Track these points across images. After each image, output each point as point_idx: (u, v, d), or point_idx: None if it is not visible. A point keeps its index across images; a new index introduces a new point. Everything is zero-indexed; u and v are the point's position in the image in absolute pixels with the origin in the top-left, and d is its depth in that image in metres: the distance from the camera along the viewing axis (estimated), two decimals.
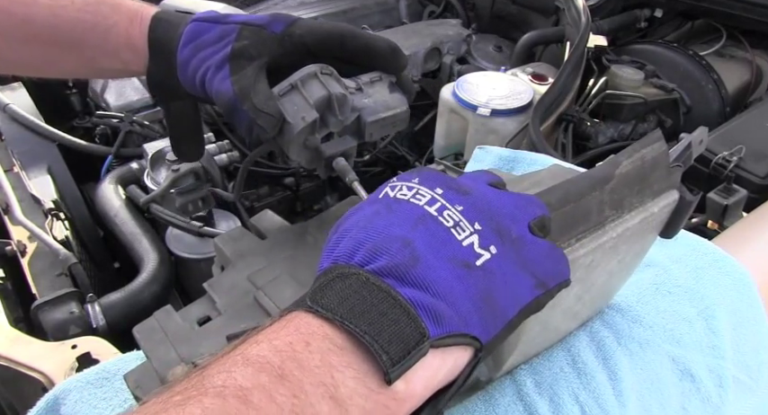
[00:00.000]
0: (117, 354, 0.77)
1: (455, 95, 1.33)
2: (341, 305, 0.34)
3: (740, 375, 0.66)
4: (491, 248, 0.37)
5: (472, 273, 0.37)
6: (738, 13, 1.54)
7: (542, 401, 0.57)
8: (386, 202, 0.39)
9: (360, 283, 0.35)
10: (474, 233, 0.37)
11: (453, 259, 0.36)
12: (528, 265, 0.39)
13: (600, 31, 1.56)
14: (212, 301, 0.49)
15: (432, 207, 0.38)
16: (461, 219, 0.38)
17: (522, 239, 0.39)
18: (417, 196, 0.39)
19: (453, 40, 1.69)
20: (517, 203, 0.40)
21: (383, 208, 0.39)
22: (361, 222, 0.38)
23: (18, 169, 1.26)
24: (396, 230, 0.37)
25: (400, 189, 0.40)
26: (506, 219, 0.39)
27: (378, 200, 0.40)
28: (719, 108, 1.50)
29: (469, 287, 0.36)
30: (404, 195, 0.39)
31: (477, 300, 0.36)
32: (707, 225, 1.02)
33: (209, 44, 0.60)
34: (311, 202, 1.72)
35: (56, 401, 0.63)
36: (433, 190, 0.39)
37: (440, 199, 0.39)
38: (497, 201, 0.40)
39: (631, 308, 0.66)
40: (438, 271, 0.36)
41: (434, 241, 0.37)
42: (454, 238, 0.37)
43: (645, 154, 0.45)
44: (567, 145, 1.29)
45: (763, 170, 1.13)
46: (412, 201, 0.39)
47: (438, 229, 0.37)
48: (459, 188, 0.40)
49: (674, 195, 0.49)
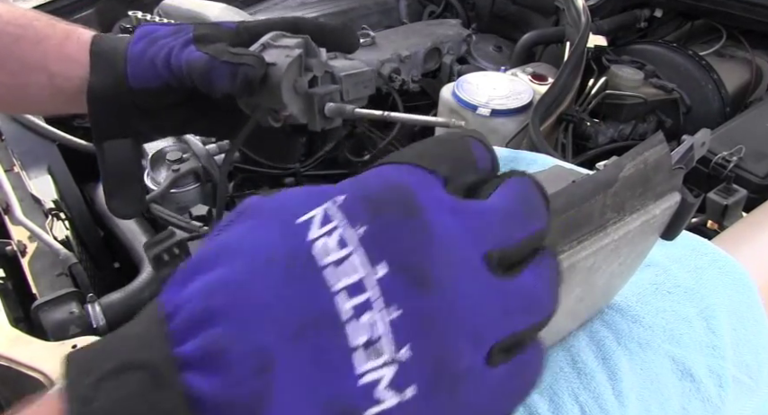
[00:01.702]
0: None
1: (455, 95, 1.33)
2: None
3: (740, 375, 0.66)
4: (407, 391, 0.23)
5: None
6: (738, 13, 1.54)
7: (542, 401, 0.58)
8: (292, 249, 0.24)
9: (161, 412, 0.22)
10: (391, 365, 0.23)
11: (332, 403, 0.22)
12: (454, 411, 0.24)
13: (600, 31, 1.56)
14: None
15: (348, 303, 0.23)
16: (384, 335, 0.23)
17: (470, 373, 0.24)
18: (341, 268, 0.23)
19: (453, 40, 1.69)
20: (500, 308, 0.25)
21: (282, 262, 0.23)
22: (241, 264, 0.24)
23: (18, 169, 1.26)
24: (267, 330, 0.22)
25: (329, 233, 0.24)
26: (463, 341, 0.24)
27: (288, 229, 0.24)
28: (719, 108, 1.50)
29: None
30: (325, 252, 0.24)
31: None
32: (707, 225, 1.02)
33: (166, 36, 0.58)
34: None
35: None
36: (374, 267, 0.23)
37: (370, 290, 0.23)
38: (468, 307, 0.24)
39: (631, 308, 0.66)
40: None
41: (315, 369, 0.22)
42: (351, 368, 0.23)
43: (647, 156, 0.45)
44: (566, 145, 1.29)
45: (762, 170, 1.13)
46: (324, 277, 0.23)
47: (332, 349, 0.23)
48: (419, 270, 0.24)
49: (676, 197, 0.50)
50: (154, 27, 0.59)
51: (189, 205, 1.30)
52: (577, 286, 0.49)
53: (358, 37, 0.63)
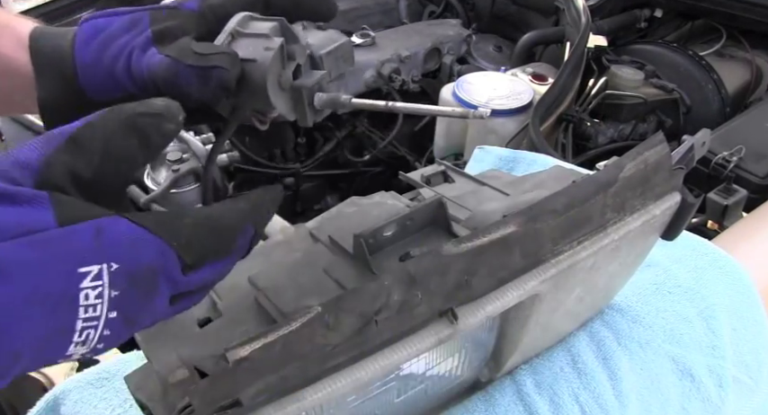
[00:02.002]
0: (117, 354, 0.77)
1: (455, 95, 1.33)
2: None
3: (740, 375, 0.66)
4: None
5: None
6: (738, 13, 1.54)
7: (542, 401, 0.58)
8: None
9: None
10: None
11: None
12: None
13: (600, 31, 1.56)
14: (213, 302, 0.49)
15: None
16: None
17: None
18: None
19: (453, 40, 1.69)
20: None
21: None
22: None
23: None
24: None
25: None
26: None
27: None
28: (719, 108, 1.50)
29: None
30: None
31: None
32: (707, 225, 1.02)
33: (120, 34, 0.48)
34: (311, 202, 1.72)
35: (56, 402, 0.63)
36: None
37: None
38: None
39: (631, 308, 0.66)
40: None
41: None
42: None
43: (648, 156, 0.45)
44: (567, 145, 1.29)
45: (762, 170, 1.13)
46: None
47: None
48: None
49: (676, 197, 0.49)
50: (104, 21, 0.49)
51: (189, 205, 1.30)
52: (577, 286, 0.49)
53: (336, 5, 0.54)
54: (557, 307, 0.50)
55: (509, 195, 0.56)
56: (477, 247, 0.40)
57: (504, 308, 0.42)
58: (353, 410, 0.47)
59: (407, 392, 0.50)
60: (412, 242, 0.47)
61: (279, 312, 0.45)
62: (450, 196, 0.55)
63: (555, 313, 0.51)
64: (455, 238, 0.41)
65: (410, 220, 0.46)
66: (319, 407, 0.41)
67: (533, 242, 0.42)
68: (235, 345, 0.36)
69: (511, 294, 0.42)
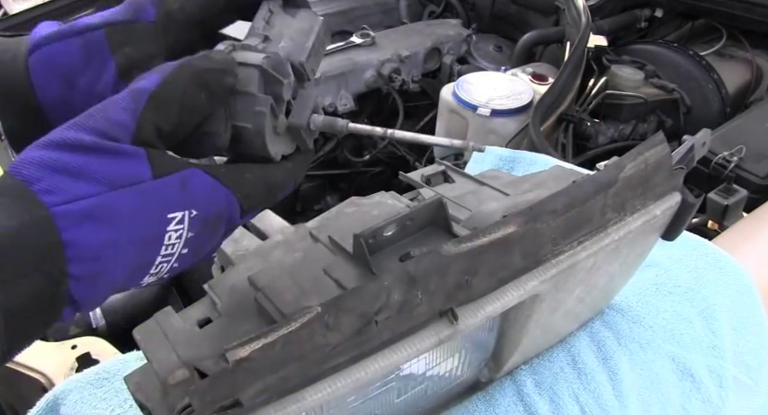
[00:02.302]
0: (117, 354, 0.77)
1: (455, 95, 1.33)
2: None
3: (740, 375, 0.66)
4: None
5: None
6: (738, 13, 1.54)
7: (542, 402, 0.58)
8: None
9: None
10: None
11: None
12: None
13: (600, 31, 1.56)
14: (213, 302, 0.49)
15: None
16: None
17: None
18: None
19: (453, 40, 1.69)
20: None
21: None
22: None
23: None
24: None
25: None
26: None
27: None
28: (720, 108, 1.50)
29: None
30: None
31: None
32: (707, 226, 1.02)
33: (81, 68, 0.45)
34: (311, 202, 1.72)
35: (56, 402, 0.63)
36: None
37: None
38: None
39: (632, 308, 0.66)
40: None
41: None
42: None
43: (648, 156, 0.45)
44: (567, 145, 1.29)
45: (763, 170, 1.13)
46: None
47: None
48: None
49: (677, 197, 0.49)
50: (56, 49, 0.45)
51: None
52: (578, 287, 0.49)
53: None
54: (557, 307, 0.50)
55: (509, 195, 0.55)
56: (477, 247, 0.40)
57: (505, 308, 0.42)
58: (353, 411, 0.47)
59: (407, 392, 0.50)
60: (412, 242, 0.47)
61: (279, 312, 0.45)
62: (450, 196, 0.55)
63: (555, 313, 0.51)
64: (455, 238, 0.41)
65: (410, 220, 0.46)
66: (319, 407, 0.41)
67: (533, 243, 0.42)
68: (235, 345, 0.36)
69: (511, 294, 0.42)
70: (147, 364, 0.44)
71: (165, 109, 0.37)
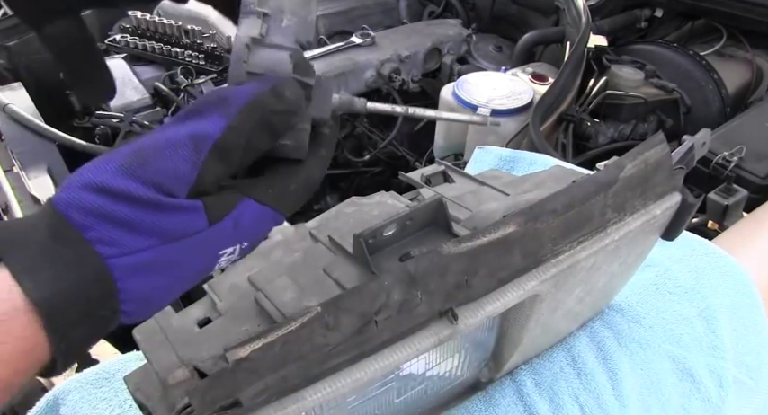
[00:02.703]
0: (117, 354, 0.77)
1: (455, 95, 1.33)
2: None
3: (740, 375, 0.66)
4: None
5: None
6: (738, 13, 1.54)
7: (542, 402, 0.57)
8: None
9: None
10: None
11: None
12: None
13: (600, 31, 1.56)
14: (212, 302, 0.49)
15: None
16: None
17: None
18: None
19: (453, 40, 1.69)
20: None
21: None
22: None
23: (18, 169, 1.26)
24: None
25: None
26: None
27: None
28: (720, 108, 1.50)
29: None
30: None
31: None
32: (707, 226, 1.02)
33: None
34: (311, 202, 1.72)
35: (56, 402, 0.63)
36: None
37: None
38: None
39: (632, 308, 0.66)
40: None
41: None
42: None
43: (648, 156, 0.45)
44: (567, 145, 1.29)
45: (763, 170, 1.13)
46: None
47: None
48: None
49: (677, 197, 0.49)
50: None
51: None
52: (577, 287, 0.49)
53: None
54: (557, 307, 0.50)
55: (509, 195, 0.55)
56: (477, 247, 0.39)
57: (504, 308, 0.42)
58: (353, 410, 0.47)
59: (407, 392, 0.50)
60: (412, 242, 0.47)
61: (279, 311, 0.44)
62: (450, 196, 0.55)
63: (555, 313, 0.51)
64: (455, 238, 0.41)
65: (410, 220, 0.46)
66: (319, 407, 0.41)
67: (533, 242, 0.42)
68: (235, 345, 0.36)
69: (511, 294, 0.42)
70: (146, 364, 0.44)
71: (228, 157, 0.36)
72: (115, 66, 1.54)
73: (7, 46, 1.58)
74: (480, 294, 0.41)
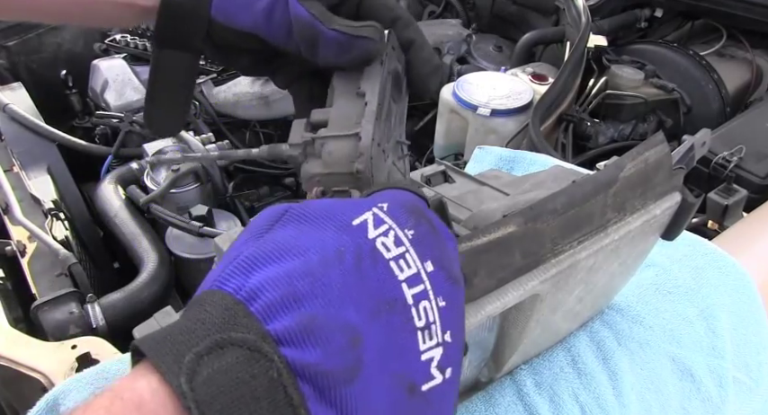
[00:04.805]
0: (117, 354, 0.77)
1: (455, 95, 1.33)
2: (223, 411, 0.23)
3: (740, 375, 0.66)
4: (447, 371, 0.28)
5: (411, 401, 0.27)
6: (738, 13, 1.54)
7: (542, 402, 0.57)
8: (358, 246, 0.27)
9: (265, 380, 0.24)
10: (440, 346, 0.27)
11: (401, 376, 0.26)
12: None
13: (600, 31, 1.56)
14: None
15: (410, 291, 0.27)
16: (436, 321, 0.27)
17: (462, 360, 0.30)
18: (401, 261, 0.28)
19: (453, 40, 1.69)
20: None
21: (351, 256, 0.27)
22: (312, 260, 0.26)
23: (18, 169, 1.26)
24: (352, 310, 0.26)
25: (386, 233, 0.28)
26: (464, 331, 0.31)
27: (347, 230, 0.28)
28: (719, 108, 1.50)
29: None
30: (386, 248, 0.28)
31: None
32: (707, 225, 1.02)
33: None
34: None
35: (56, 402, 0.63)
36: (423, 263, 0.28)
37: (425, 282, 0.28)
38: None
39: (631, 308, 0.66)
40: (373, 395, 0.25)
41: (391, 346, 0.26)
42: (416, 347, 0.27)
43: (648, 156, 0.45)
44: (567, 145, 1.29)
45: (763, 170, 1.13)
46: (391, 268, 0.27)
47: (403, 328, 0.27)
48: (451, 270, 0.29)
49: (677, 197, 0.49)
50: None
51: (189, 205, 1.30)
52: (577, 287, 0.49)
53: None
54: (557, 307, 0.50)
55: (509, 195, 0.55)
56: (477, 247, 0.40)
57: (504, 308, 0.42)
58: None
59: None
60: None
61: None
62: (451, 196, 0.55)
63: (555, 313, 0.51)
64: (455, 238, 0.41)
65: None
66: None
67: (533, 242, 0.42)
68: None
69: (511, 294, 0.42)
70: None
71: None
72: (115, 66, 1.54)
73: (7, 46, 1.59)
74: (480, 294, 0.41)
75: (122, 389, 0.24)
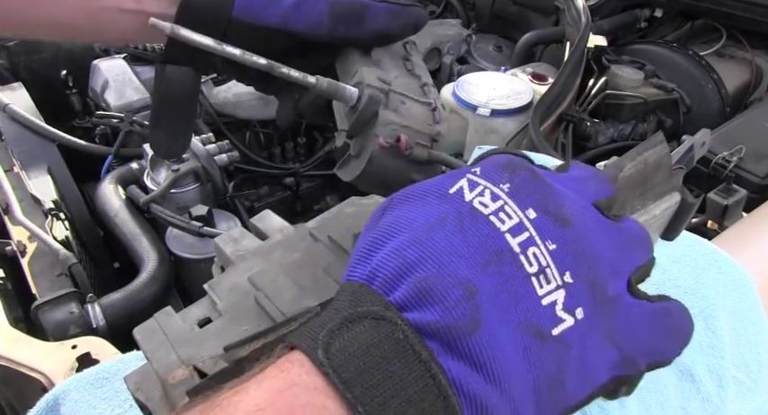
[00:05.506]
0: (117, 354, 0.77)
1: (455, 95, 1.33)
2: (360, 375, 0.25)
3: (740, 375, 0.66)
4: (577, 311, 0.28)
5: (544, 347, 0.27)
6: (738, 13, 1.54)
7: None
8: (457, 209, 0.29)
9: (392, 342, 0.25)
10: (560, 288, 0.28)
11: (524, 323, 0.27)
12: (615, 334, 0.29)
13: (600, 31, 1.56)
14: (213, 302, 0.49)
15: (515, 240, 0.28)
16: (549, 265, 0.28)
17: (619, 300, 0.30)
18: (501, 214, 0.28)
19: (453, 40, 1.69)
20: (622, 244, 0.31)
21: (452, 219, 0.28)
22: (417, 229, 0.28)
23: (18, 169, 1.26)
24: (461, 266, 0.27)
25: (481, 193, 0.29)
26: (605, 269, 0.29)
27: (446, 198, 0.29)
28: (719, 108, 1.50)
29: (534, 367, 0.27)
30: (484, 206, 0.28)
31: (539, 385, 0.27)
32: (707, 225, 1.02)
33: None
34: (311, 202, 1.72)
35: (56, 402, 0.63)
36: (524, 211, 0.28)
37: (529, 229, 0.28)
38: (600, 241, 0.30)
39: None
40: (500, 343, 0.26)
41: (506, 294, 0.27)
42: (533, 292, 0.27)
43: (647, 156, 0.45)
44: (567, 145, 1.29)
45: (762, 170, 1.13)
46: (492, 221, 0.28)
47: (515, 276, 0.27)
48: (558, 212, 0.29)
49: (676, 197, 0.49)
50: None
51: (189, 205, 1.30)
52: None
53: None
54: None
55: None
56: None
57: None
58: None
59: None
60: None
61: (279, 312, 0.45)
62: None
63: None
64: None
65: None
66: None
67: None
68: (234, 345, 0.36)
69: None
70: (146, 363, 0.44)
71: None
72: (115, 66, 1.54)
73: (7, 46, 1.59)
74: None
75: (271, 374, 0.26)
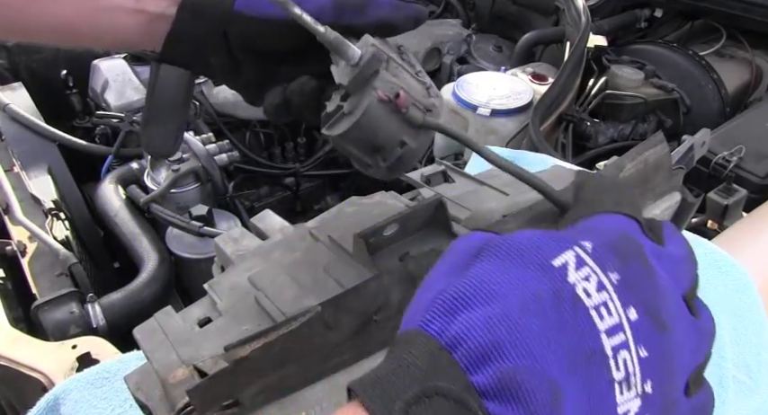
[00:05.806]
0: (117, 354, 0.77)
1: (455, 95, 1.33)
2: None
3: (740, 375, 0.66)
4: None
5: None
6: (738, 13, 1.54)
7: None
8: (558, 290, 0.26)
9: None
10: (638, 398, 0.26)
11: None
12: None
13: (600, 31, 1.56)
14: (213, 302, 0.49)
15: (610, 341, 0.26)
16: (636, 373, 0.26)
17: (677, 402, 0.29)
18: (603, 310, 0.26)
19: (453, 40, 1.69)
20: (697, 346, 0.31)
21: (550, 301, 0.26)
22: (511, 304, 0.26)
23: (18, 169, 1.26)
24: (552, 362, 0.25)
25: (587, 278, 0.27)
26: (680, 378, 0.29)
27: (547, 272, 0.27)
28: (719, 108, 1.50)
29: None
30: (587, 295, 0.26)
31: None
32: (707, 225, 1.02)
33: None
34: (311, 202, 1.72)
35: (56, 401, 0.63)
36: (626, 310, 0.27)
37: (626, 331, 0.26)
38: (685, 346, 0.29)
39: None
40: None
41: (586, 398, 0.25)
42: (613, 400, 0.26)
43: (648, 156, 0.45)
44: (566, 145, 1.29)
45: (762, 170, 1.13)
46: (592, 317, 0.26)
47: (600, 380, 0.26)
48: (658, 315, 0.27)
49: (677, 197, 0.49)
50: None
51: (189, 205, 1.30)
52: None
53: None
54: None
55: (509, 195, 0.55)
56: None
57: None
58: None
59: None
60: (412, 242, 0.47)
61: (279, 312, 0.45)
62: (451, 196, 0.55)
63: None
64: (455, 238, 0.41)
65: (410, 220, 0.46)
66: (319, 406, 0.41)
67: None
68: (235, 344, 0.36)
69: None
70: (147, 363, 0.44)
71: None
72: (115, 66, 1.54)
73: (7, 46, 1.58)
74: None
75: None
